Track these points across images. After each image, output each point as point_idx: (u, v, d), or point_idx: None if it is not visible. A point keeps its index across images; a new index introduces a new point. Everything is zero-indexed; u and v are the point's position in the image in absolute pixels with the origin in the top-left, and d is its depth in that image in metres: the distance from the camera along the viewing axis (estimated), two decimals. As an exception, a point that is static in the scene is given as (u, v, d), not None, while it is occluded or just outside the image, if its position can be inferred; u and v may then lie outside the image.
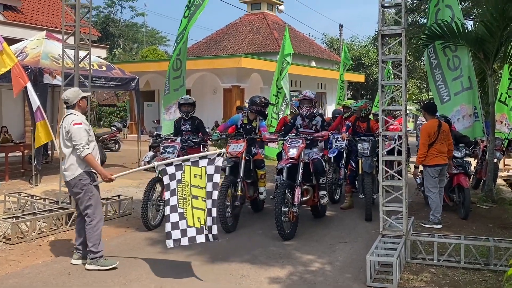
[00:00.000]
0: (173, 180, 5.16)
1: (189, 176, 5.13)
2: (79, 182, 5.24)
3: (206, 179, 5.10)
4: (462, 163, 8.05)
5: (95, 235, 5.26)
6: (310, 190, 7.12)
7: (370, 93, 35.94)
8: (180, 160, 5.25)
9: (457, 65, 9.07)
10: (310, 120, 7.43)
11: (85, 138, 5.20)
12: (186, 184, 5.14)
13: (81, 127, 5.21)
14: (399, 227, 5.67)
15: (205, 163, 5.11)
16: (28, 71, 9.92)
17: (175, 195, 5.16)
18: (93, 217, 5.28)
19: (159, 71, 22.40)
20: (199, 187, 5.11)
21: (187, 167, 5.14)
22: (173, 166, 5.17)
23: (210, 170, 5.09)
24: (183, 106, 7.92)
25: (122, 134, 22.41)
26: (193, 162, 5.15)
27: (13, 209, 7.69)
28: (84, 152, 5.14)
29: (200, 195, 5.10)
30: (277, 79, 13.79)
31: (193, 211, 5.12)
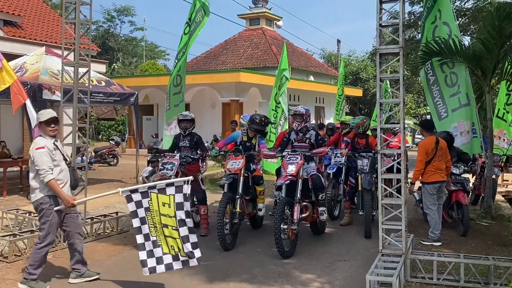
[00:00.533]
0: (140, 208, 5.03)
1: (157, 205, 4.98)
2: (40, 205, 5.26)
3: (174, 207, 4.93)
4: (461, 180, 8.05)
5: (37, 257, 5.24)
6: (309, 207, 7.10)
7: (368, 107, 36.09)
8: (146, 186, 5.09)
9: (455, 81, 9.10)
10: (303, 134, 7.45)
11: (48, 163, 5.15)
12: (156, 213, 5.00)
13: (43, 151, 5.16)
14: (398, 246, 5.65)
15: (172, 191, 4.95)
16: (27, 87, 9.94)
17: (146, 223, 5.05)
18: (42, 240, 5.27)
19: (158, 85, 22.48)
20: (168, 216, 4.96)
21: (154, 195, 4.99)
22: (139, 193, 5.02)
23: (178, 198, 4.92)
24: (182, 122, 7.93)
25: (120, 148, 22.40)
26: (159, 189, 4.98)
27: (10, 226, 7.65)
28: (46, 178, 5.11)
29: (170, 224, 4.95)
30: (275, 94, 13.84)
31: (166, 239, 5.02)
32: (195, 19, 9.72)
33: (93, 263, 6.17)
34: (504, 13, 8.26)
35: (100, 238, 7.40)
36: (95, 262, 6.24)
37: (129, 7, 55.58)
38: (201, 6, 9.83)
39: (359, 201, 8.15)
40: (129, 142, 24.65)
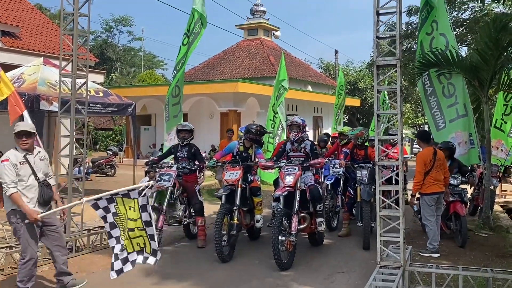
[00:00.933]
0: (108, 213, 5.00)
1: (124, 209, 4.96)
2: (9, 218, 5.23)
3: (139, 210, 4.90)
4: (458, 191, 8.05)
5: (23, 272, 5.19)
6: (307, 218, 7.08)
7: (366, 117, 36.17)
8: (109, 194, 5.02)
9: (452, 92, 9.13)
10: (299, 144, 7.45)
11: (11, 176, 5.07)
12: (124, 217, 4.98)
13: (5, 164, 5.09)
14: (396, 258, 5.62)
15: (136, 194, 4.90)
16: (25, 98, 9.93)
17: (117, 227, 5.03)
18: (23, 255, 5.23)
19: (156, 95, 22.49)
20: (134, 220, 4.94)
21: (119, 199, 4.96)
22: (104, 199, 4.99)
23: (142, 201, 4.89)
24: (180, 132, 7.92)
25: (118, 158, 22.36)
26: (123, 194, 4.94)
27: (6, 238, 7.59)
28: (8, 191, 5.05)
29: (137, 225, 4.94)
30: (273, 104, 13.86)
31: (132, 240, 5.00)
32: (194, 30, 9.76)
33: (90, 275, 6.14)
34: (501, 24, 8.31)
35: (97, 250, 7.35)
36: (91, 274, 6.20)
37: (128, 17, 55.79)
38: (199, 17, 9.87)
39: (358, 212, 8.12)
40: (127, 152, 24.64)
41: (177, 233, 8.58)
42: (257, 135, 7.79)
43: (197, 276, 6.10)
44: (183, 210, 7.71)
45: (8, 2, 19.82)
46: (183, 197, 7.81)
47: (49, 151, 12.52)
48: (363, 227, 7.68)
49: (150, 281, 5.95)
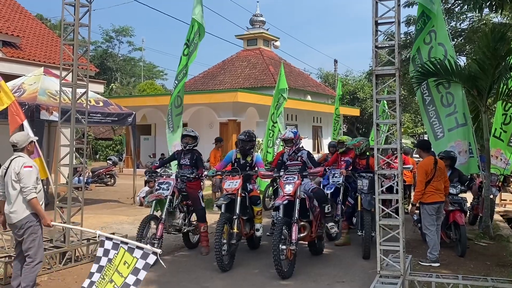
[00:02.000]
0: (105, 256, 4.96)
1: (120, 260, 4.91)
2: (26, 224, 5.32)
3: (131, 271, 4.82)
4: (458, 200, 8.05)
5: (30, 276, 5.28)
6: (307, 227, 7.08)
7: (365, 127, 36.21)
8: (120, 240, 5.00)
9: (451, 101, 9.17)
10: (295, 153, 7.49)
11: (34, 182, 5.31)
12: (113, 267, 4.93)
13: (32, 170, 5.34)
14: (396, 267, 5.61)
15: (139, 254, 4.85)
16: (25, 107, 9.97)
17: (100, 273, 4.94)
18: (34, 258, 5.33)
19: (156, 105, 22.56)
20: (121, 275, 4.86)
21: (122, 250, 4.92)
22: (112, 242, 4.97)
23: (139, 264, 4.82)
24: (184, 137, 7.95)
25: (118, 168, 22.37)
26: (129, 247, 4.90)
27: (6, 248, 7.57)
28: (30, 196, 5.24)
29: (117, 282, 4.84)
30: (272, 114, 13.92)
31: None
32: (194, 40, 9.83)
33: (89, 285, 6.10)
34: (499, 34, 8.38)
35: (96, 260, 7.32)
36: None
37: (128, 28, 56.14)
38: (198, 28, 9.95)
39: (358, 222, 8.11)
40: (127, 162, 24.63)
41: (177, 242, 8.56)
42: (249, 140, 7.77)
43: (197, 285, 6.08)
44: (182, 218, 7.73)
45: (9, 12, 19.95)
46: (182, 205, 7.82)
47: (49, 161, 12.56)
48: (364, 237, 7.67)
49: (149, 291, 5.92)
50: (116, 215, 11.50)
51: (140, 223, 7.07)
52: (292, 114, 25.02)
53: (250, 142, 7.75)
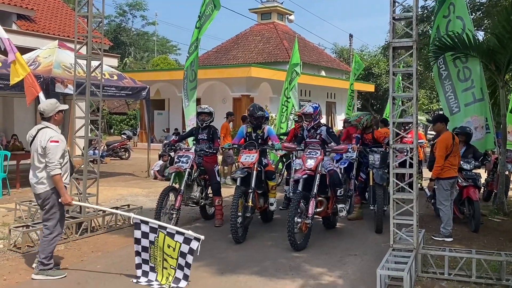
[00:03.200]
0: (145, 238, 5.16)
1: (163, 243, 5.08)
2: (50, 195, 5.33)
3: (178, 254, 5.00)
4: (472, 175, 7.98)
5: (49, 248, 5.33)
6: (324, 202, 7.11)
7: (380, 103, 35.88)
8: (157, 224, 5.19)
9: (468, 76, 9.02)
10: (314, 130, 7.42)
11: (59, 158, 5.23)
12: (159, 249, 5.12)
13: (58, 145, 5.23)
14: (409, 241, 5.62)
15: (180, 239, 4.99)
16: (40, 80, 10.03)
17: (147, 252, 5.18)
18: (52, 231, 5.36)
19: (169, 80, 22.56)
20: (171, 257, 5.06)
21: (162, 234, 5.08)
22: (148, 226, 5.15)
23: (184, 248, 4.97)
24: (200, 114, 7.98)
25: (132, 142, 22.53)
26: (168, 232, 5.07)
27: (23, 218, 7.74)
28: (54, 171, 5.19)
29: (171, 262, 5.07)
30: (286, 89, 13.83)
31: (163, 270, 5.14)
32: (205, 12, 9.76)
33: (104, 254, 6.24)
34: (519, 7, 8.16)
35: (112, 230, 7.46)
36: (106, 253, 6.29)
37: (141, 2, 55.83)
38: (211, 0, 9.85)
39: (370, 196, 8.13)
40: (141, 137, 24.80)
41: (191, 214, 8.67)
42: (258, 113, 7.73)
43: (210, 256, 6.16)
44: (200, 191, 7.81)
45: (23, -15, 19.89)
46: (200, 179, 7.89)
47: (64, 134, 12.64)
48: (376, 211, 7.69)
49: (164, 261, 6.00)
50: (131, 187, 11.64)
51: (160, 194, 7.16)
52: (305, 90, 24.85)
53: (260, 111, 7.73)
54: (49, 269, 5.31)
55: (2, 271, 5.51)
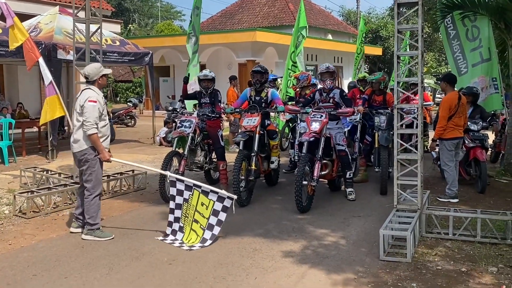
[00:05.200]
0: (179, 196, 5.37)
1: (196, 201, 5.28)
2: (84, 156, 5.39)
3: (211, 212, 5.20)
4: (479, 136, 7.86)
5: (92, 208, 5.41)
6: (329, 165, 7.08)
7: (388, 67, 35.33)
8: (192, 183, 5.37)
9: (476, 35, 8.81)
10: (327, 94, 7.30)
11: (96, 118, 5.28)
12: (192, 207, 5.31)
13: (95, 105, 5.30)
14: (413, 201, 5.58)
15: (214, 197, 5.20)
16: (42, 47, 9.92)
17: (180, 209, 5.38)
18: (92, 192, 5.43)
19: (174, 46, 22.29)
20: (202, 216, 5.25)
21: (197, 192, 5.29)
22: (184, 184, 5.36)
23: (217, 206, 5.19)
24: (203, 81, 7.86)
25: (138, 110, 22.47)
26: (203, 191, 5.27)
27: (28, 184, 7.78)
28: (90, 131, 5.25)
29: (201, 222, 5.26)
30: (292, 53, 13.59)
31: (190, 231, 5.31)
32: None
33: (109, 219, 6.27)
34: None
35: (116, 196, 7.49)
36: (111, 218, 6.33)
37: (144, -34, 54.75)
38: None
39: (376, 158, 8.07)
40: (146, 104, 24.70)
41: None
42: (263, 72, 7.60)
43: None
44: (203, 156, 7.77)
45: (22, -49, 19.49)
46: (204, 144, 7.85)
47: (68, 101, 12.62)
48: (381, 173, 7.64)
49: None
50: (136, 154, 11.65)
51: (163, 159, 7.14)
52: (312, 54, 24.50)
53: (264, 74, 7.60)
54: (96, 229, 5.43)
55: (8, 236, 5.56)
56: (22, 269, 4.54)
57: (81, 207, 5.56)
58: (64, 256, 4.88)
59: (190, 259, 4.82)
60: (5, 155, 9.85)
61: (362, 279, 4.34)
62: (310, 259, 4.82)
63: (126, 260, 4.79)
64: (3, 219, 6.17)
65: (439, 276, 4.38)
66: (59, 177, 7.70)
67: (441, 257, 4.88)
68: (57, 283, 4.22)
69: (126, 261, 4.74)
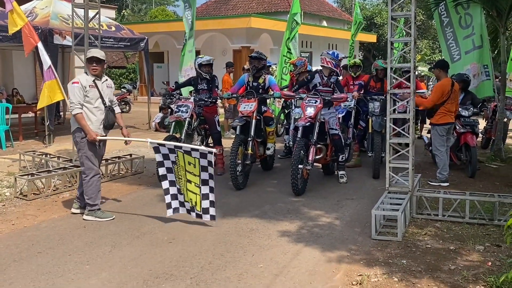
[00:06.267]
0: (167, 160, 5.39)
1: (183, 162, 5.30)
2: (74, 137, 5.58)
3: (199, 169, 5.22)
4: (470, 122, 8.04)
5: (90, 189, 5.55)
6: (323, 149, 7.24)
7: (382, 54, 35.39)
8: (173, 145, 5.39)
9: (469, 23, 8.94)
10: (328, 79, 7.42)
11: (78, 98, 5.38)
12: (181, 168, 5.34)
13: (76, 86, 5.40)
14: (405, 184, 5.76)
15: (197, 155, 5.20)
16: (38, 32, 9.93)
17: (172, 172, 5.42)
18: (87, 173, 5.57)
19: (168, 31, 22.25)
20: (193, 174, 5.29)
21: (180, 154, 5.29)
22: (166, 148, 5.36)
23: (203, 162, 5.20)
24: (203, 66, 7.92)
25: (132, 96, 22.47)
26: (185, 150, 5.26)
27: (28, 167, 7.89)
28: (74, 111, 5.40)
29: (194, 180, 5.30)
30: (287, 39, 13.65)
31: (187, 192, 5.39)
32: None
33: (108, 202, 6.41)
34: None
35: (114, 179, 7.62)
36: (110, 201, 6.46)
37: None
38: None
39: (369, 143, 8.24)
40: (141, 90, 24.70)
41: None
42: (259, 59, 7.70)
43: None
44: (200, 140, 7.89)
45: None
46: (201, 129, 7.97)
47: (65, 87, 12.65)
48: (374, 157, 7.82)
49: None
50: (132, 139, 11.73)
51: None
52: (306, 41, 24.55)
53: (261, 61, 7.70)
54: (97, 210, 5.57)
55: (10, 216, 5.70)
56: (27, 247, 4.69)
57: (81, 187, 5.73)
58: (67, 235, 5.03)
59: (189, 238, 4.99)
60: (3, 140, 9.93)
61: (354, 256, 4.53)
62: (305, 238, 5.00)
63: (128, 239, 4.95)
64: (5, 201, 6.30)
65: (428, 253, 4.58)
66: (58, 160, 7.82)
67: (431, 236, 5.08)
68: (62, 260, 4.37)
69: (127, 240, 4.90)
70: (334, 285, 3.94)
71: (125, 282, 3.94)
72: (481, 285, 3.90)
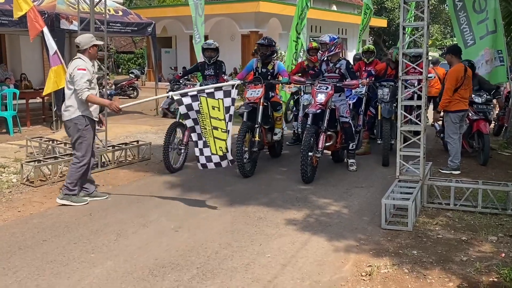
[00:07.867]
0: (191, 111, 5.32)
1: (207, 108, 5.26)
2: (74, 125, 5.47)
3: (224, 111, 5.21)
4: (483, 109, 7.87)
5: (75, 175, 5.53)
6: (333, 136, 7.13)
7: (392, 39, 34.97)
8: (195, 90, 5.35)
9: (483, 7, 8.69)
10: (334, 64, 7.26)
11: (85, 83, 5.34)
12: (206, 115, 5.30)
13: (85, 73, 5.35)
14: (416, 172, 5.65)
15: (221, 95, 5.19)
16: (45, 16, 9.86)
17: (198, 124, 5.38)
18: (80, 160, 5.54)
19: (176, 16, 22.06)
20: (218, 119, 5.26)
21: (203, 98, 5.25)
22: (189, 96, 5.30)
23: (226, 102, 5.19)
24: (206, 51, 7.88)
25: (140, 81, 22.40)
26: (208, 93, 5.25)
27: (35, 154, 7.86)
28: (84, 95, 5.32)
29: (220, 126, 5.27)
30: (296, 24, 13.45)
31: (215, 140, 5.35)
32: None
33: (115, 188, 6.37)
34: None
35: (121, 166, 7.57)
36: (117, 187, 6.42)
37: None
38: None
39: (378, 131, 8.12)
40: (149, 75, 24.59)
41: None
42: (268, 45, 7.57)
43: (219, 189, 6.27)
44: None
45: None
46: None
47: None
48: (383, 145, 7.70)
49: (174, 193, 6.12)
50: (140, 125, 11.72)
51: (166, 130, 7.19)
52: (315, 26, 24.24)
53: (269, 47, 7.56)
54: (73, 195, 5.55)
55: (17, 203, 5.66)
56: (32, 235, 4.65)
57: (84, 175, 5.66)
58: (73, 223, 4.99)
59: (196, 226, 4.93)
60: (10, 125, 9.92)
61: (364, 246, 4.44)
62: (313, 227, 4.92)
63: (134, 227, 4.89)
64: (11, 187, 6.27)
65: (439, 244, 4.48)
66: (65, 146, 7.77)
67: (442, 226, 4.97)
68: (67, 248, 4.33)
69: (133, 228, 4.85)
70: (343, 276, 3.86)
71: (131, 272, 3.88)
72: (494, 277, 3.80)
